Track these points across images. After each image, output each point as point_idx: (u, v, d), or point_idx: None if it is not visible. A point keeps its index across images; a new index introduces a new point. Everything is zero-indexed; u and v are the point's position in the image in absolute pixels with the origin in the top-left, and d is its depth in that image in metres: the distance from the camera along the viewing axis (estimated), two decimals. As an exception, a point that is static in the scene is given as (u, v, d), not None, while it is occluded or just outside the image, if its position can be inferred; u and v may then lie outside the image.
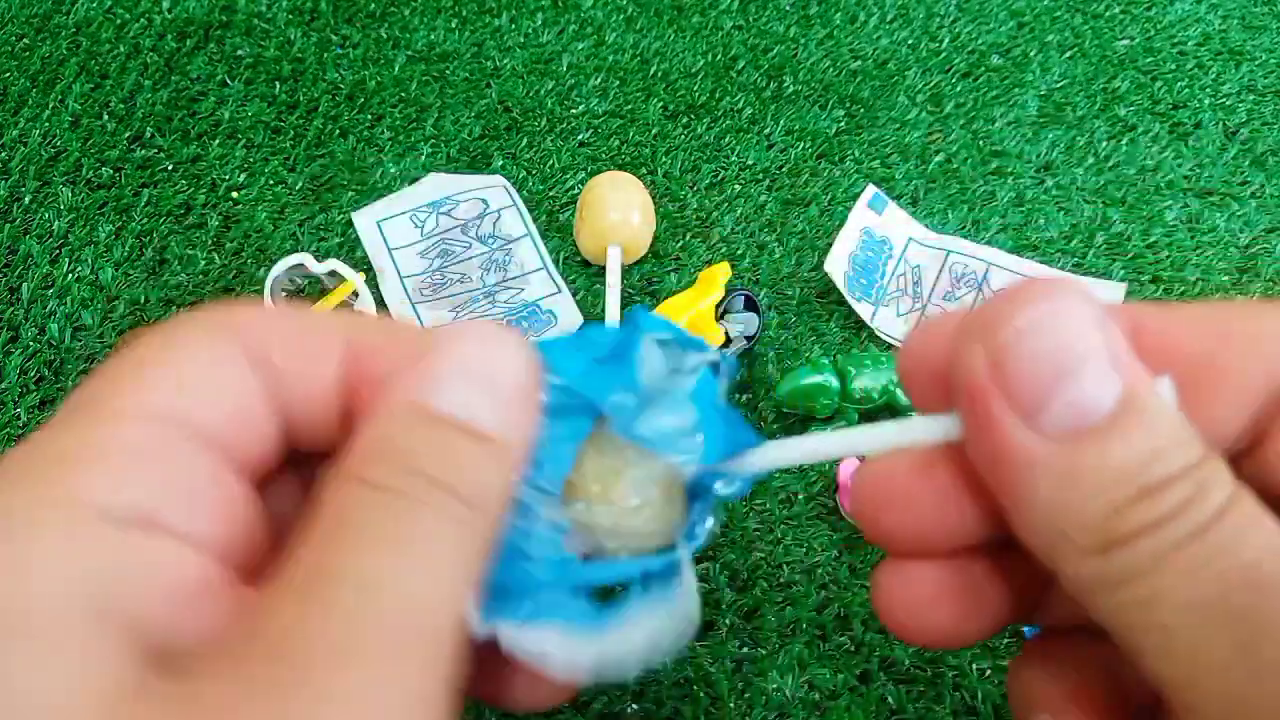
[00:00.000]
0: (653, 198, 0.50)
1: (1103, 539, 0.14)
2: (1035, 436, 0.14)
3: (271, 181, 0.52)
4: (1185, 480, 0.14)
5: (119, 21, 0.59)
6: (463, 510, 0.15)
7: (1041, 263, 0.50)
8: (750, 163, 0.54)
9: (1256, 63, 0.60)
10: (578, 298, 0.48)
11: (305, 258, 0.45)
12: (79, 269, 0.48)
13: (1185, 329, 0.15)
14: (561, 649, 0.17)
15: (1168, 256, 0.51)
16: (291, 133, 0.54)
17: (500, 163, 0.53)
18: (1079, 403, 0.14)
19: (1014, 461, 0.14)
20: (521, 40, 0.60)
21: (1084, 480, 0.14)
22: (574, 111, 0.56)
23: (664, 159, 0.54)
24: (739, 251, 0.50)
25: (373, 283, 0.48)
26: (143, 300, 0.47)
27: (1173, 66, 0.60)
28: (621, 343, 0.19)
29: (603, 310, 0.47)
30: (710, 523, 0.19)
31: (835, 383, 0.42)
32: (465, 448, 0.15)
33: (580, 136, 0.55)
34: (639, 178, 0.50)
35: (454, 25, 0.60)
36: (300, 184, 0.52)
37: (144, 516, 0.14)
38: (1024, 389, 0.14)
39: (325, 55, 0.58)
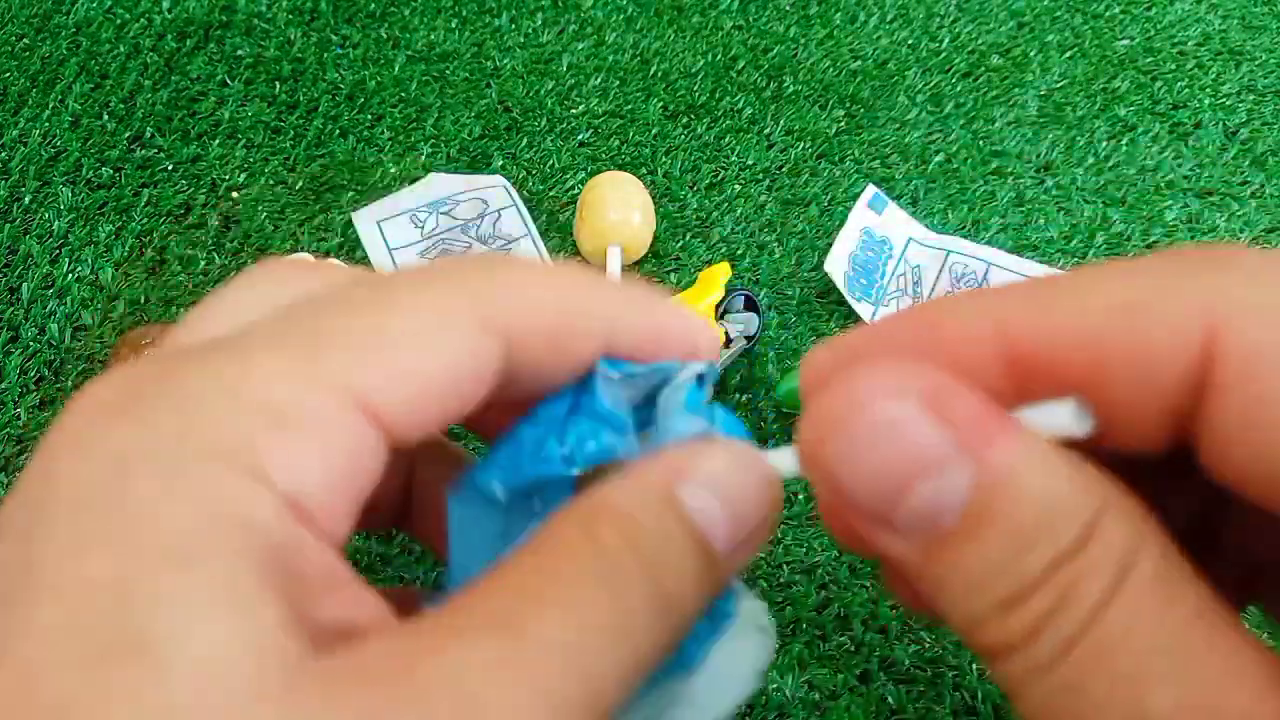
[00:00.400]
0: (653, 198, 0.50)
1: (979, 649, 0.13)
2: (896, 541, 0.13)
3: (271, 181, 0.52)
4: (1047, 586, 0.12)
5: (119, 21, 0.59)
6: (658, 602, 0.14)
7: (1041, 263, 0.50)
8: (750, 163, 0.54)
9: (1256, 63, 0.60)
10: (578, 298, 0.48)
11: (305, 258, 0.45)
12: (79, 269, 0.48)
13: (1060, 330, 0.13)
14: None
15: (1168, 256, 0.51)
16: (291, 133, 0.54)
17: (500, 163, 0.53)
18: (924, 510, 0.12)
19: (887, 559, 0.13)
20: (521, 40, 0.60)
21: (946, 588, 0.13)
22: (574, 111, 0.56)
23: (664, 159, 0.54)
24: (739, 251, 0.50)
25: (373, 283, 0.48)
26: (143, 300, 0.47)
27: (1173, 66, 0.60)
28: (576, 396, 0.18)
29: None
30: None
31: (835, 383, 0.42)
32: (688, 552, 0.15)
33: (580, 136, 0.55)
34: (639, 178, 0.50)
35: (454, 25, 0.60)
36: (300, 184, 0.52)
37: (308, 501, 0.13)
38: (866, 506, 0.13)
39: (325, 55, 0.58)
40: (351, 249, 0.50)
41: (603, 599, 0.13)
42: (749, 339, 0.45)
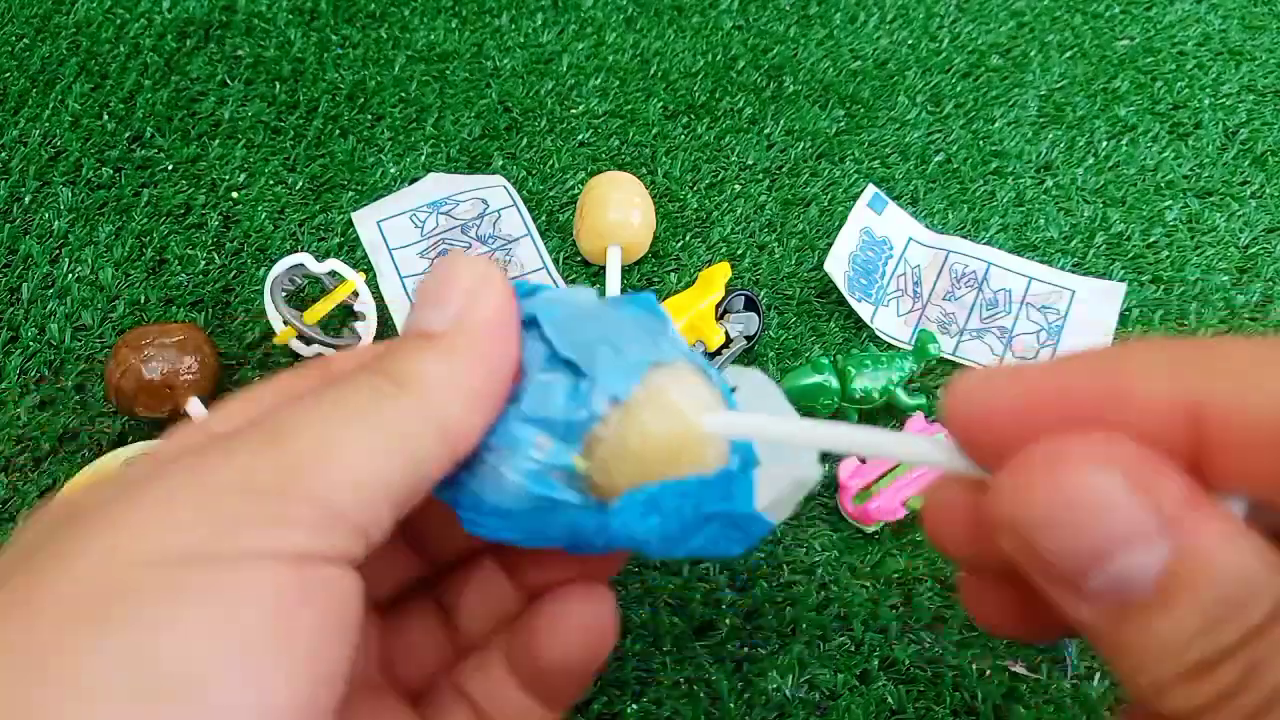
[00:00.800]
0: (653, 198, 0.50)
1: (1161, 713, 0.13)
2: (1084, 605, 0.13)
3: (271, 181, 0.52)
4: (1235, 660, 0.12)
5: (119, 21, 0.59)
6: (392, 389, 0.17)
7: (1041, 262, 0.50)
8: (750, 163, 0.54)
9: (1256, 63, 0.60)
10: (578, 298, 0.48)
11: (305, 258, 0.45)
12: (79, 269, 0.48)
13: (1256, 424, 0.13)
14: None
15: (1168, 256, 0.51)
16: (291, 133, 0.54)
17: (500, 163, 0.53)
18: (1119, 580, 0.13)
19: (1072, 620, 0.14)
20: (521, 40, 0.60)
21: (1132, 654, 0.13)
22: (574, 111, 0.56)
23: (664, 159, 0.54)
24: (739, 251, 0.50)
25: (373, 283, 0.48)
26: (143, 300, 0.47)
27: (1173, 66, 0.60)
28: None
29: (603, 310, 0.47)
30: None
31: (835, 383, 0.42)
32: (410, 344, 0.18)
33: (580, 136, 0.55)
34: (639, 178, 0.50)
35: (454, 25, 0.60)
36: (300, 184, 0.52)
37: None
38: (1061, 572, 0.13)
39: (325, 55, 0.58)
40: (351, 249, 0.50)
41: (331, 405, 0.17)
42: (749, 339, 0.45)
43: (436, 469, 0.18)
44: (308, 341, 0.45)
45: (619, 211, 0.47)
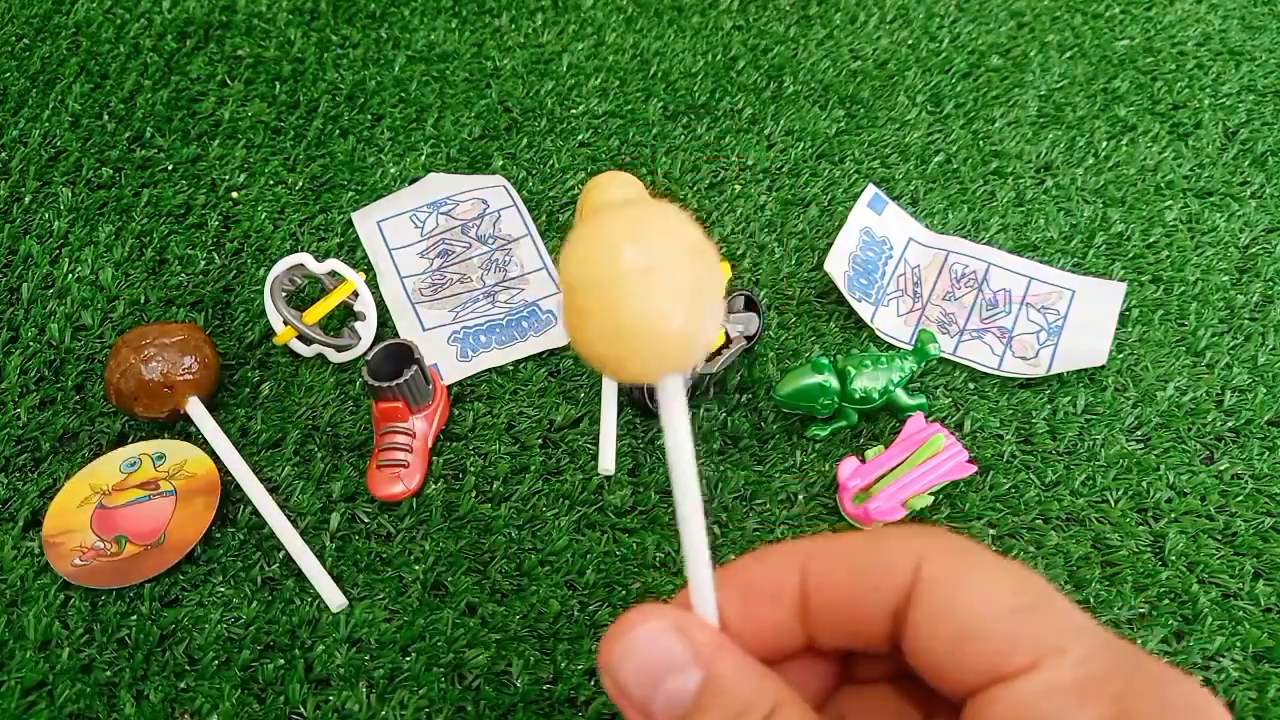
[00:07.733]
0: (652, 198, 0.50)
1: None
2: None
3: (271, 181, 0.52)
4: None
5: (119, 21, 0.59)
6: None
7: (1041, 262, 0.50)
8: (750, 163, 0.54)
9: (1256, 63, 0.60)
10: (578, 298, 0.48)
11: (305, 258, 0.45)
12: (79, 269, 0.48)
13: (835, 569, 0.19)
14: None
15: (1168, 256, 0.51)
16: (291, 133, 0.54)
17: (500, 163, 0.53)
18: (670, 697, 0.18)
19: None
20: (521, 40, 0.60)
21: None
22: (574, 111, 0.56)
23: (664, 159, 0.54)
24: (739, 251, 0.50)
25: (373, 283, 0.48)
26: (143, 300, 0.47)
27: (1173, 66, 0.60)
28: None
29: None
30: None
31: (835, 383, 0.42)
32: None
33: (580, 136, 0.55)
34: (639, 178, 0.50)
35: (454, 25, 0.60)
36: (300, 184, 0.52)
37: None
38: (634, 697, 0.19)
39: (325, 55, 0.58)
40: (351, 249, 0.50)
41: None
42: (749, 339, 0.45)
43: None
44: (308, 341, 0.45)
45: (619, 211, 0.47)
